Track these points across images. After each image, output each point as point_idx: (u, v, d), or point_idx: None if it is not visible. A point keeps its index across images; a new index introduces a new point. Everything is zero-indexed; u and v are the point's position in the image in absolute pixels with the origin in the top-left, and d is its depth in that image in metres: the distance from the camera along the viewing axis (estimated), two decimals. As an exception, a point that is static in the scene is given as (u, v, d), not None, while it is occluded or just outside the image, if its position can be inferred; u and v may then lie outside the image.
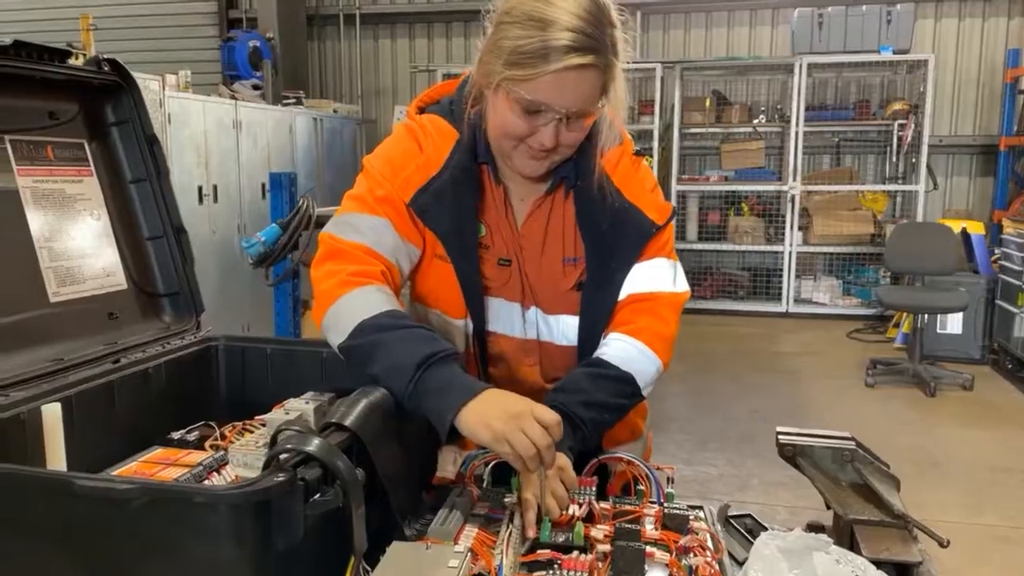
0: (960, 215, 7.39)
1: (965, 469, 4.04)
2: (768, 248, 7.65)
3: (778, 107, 7.78)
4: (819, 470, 1.30)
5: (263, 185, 6.07)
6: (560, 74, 1.14)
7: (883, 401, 5.13)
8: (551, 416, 1.11)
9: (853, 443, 1.31)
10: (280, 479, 0.86)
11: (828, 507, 1.30)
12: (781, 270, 7.55)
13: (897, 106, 7.31)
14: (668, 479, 1.31)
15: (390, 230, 1.30)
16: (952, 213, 7.56)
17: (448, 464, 1.35)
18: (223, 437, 1.37)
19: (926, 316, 5.53)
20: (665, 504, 1.24)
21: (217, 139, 5.75)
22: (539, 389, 1.43)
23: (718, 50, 8.07)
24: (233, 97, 6.43)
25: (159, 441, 1.36)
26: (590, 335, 1.38)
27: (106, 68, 1.49)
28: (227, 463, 1.15)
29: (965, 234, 6.26)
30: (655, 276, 1.37)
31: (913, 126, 7.13)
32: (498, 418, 1.09)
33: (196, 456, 1.16)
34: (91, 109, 1.50)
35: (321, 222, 3.77)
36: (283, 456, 0.89)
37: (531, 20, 1.16)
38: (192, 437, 1.36)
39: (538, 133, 1.21)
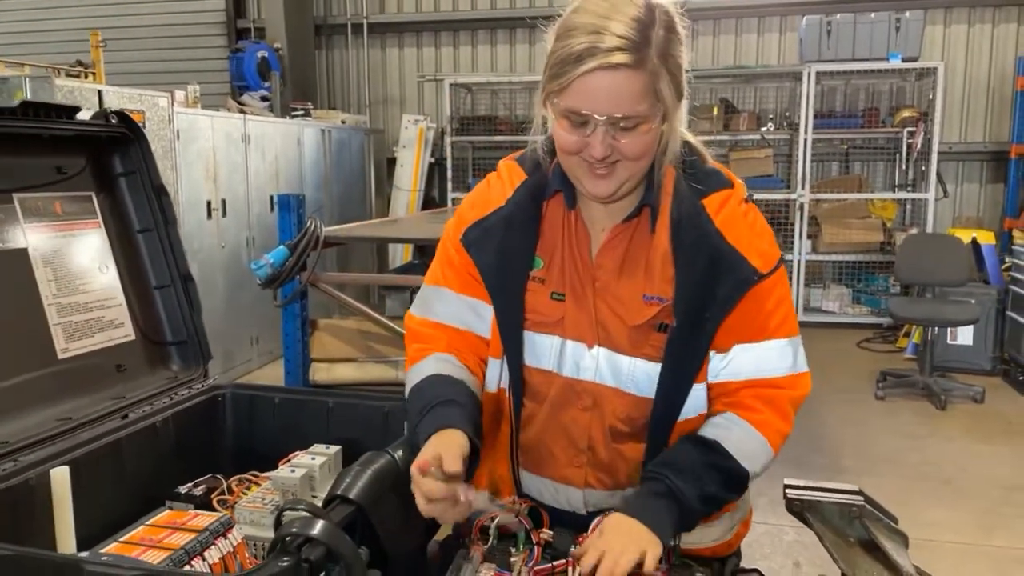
0: (970, 223, 7.33)
1: (978, 487, 4.01)
2: (777, 256, 7.59)
3: (786, 115, 7.74)
4: (827, 526, 1.30)
5: (271, 198, 6.10)
6: (589, 76, 1.12)
7: (893, 415, 5.10)
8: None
9: (861, 498, 1.30)
10: (285, 564, 0.86)
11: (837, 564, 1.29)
12: (790, 278, 7.51)
13: (906, 113, 7.27)
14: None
15: (450, 295, 1.36)
16: (962, 221, 7.51)
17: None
18: (230, 491, 1.38)
19: (936, 328, 5.49)
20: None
21: (226, 153, 5.78)
22: (585, 436, 1.31)
23: (726, 58, 8.04)
24: (242, 111, 6.46)
25: (166, 495, 1.37)
26: (672, 386, 1.26)
27: (114, 120, 1.49)
28: (232, 527, 1.15)
29: (975, 243, 6.21)
30: (777, 358, 1.32)
31: (923, 133, 7.09)
32: None
33: (203, 519, 1.16)
34: (99, 161, 1.52)
35: (328, 242, 3.78)
36: (288, 538, 0.89)
37: (569, 30, 1.14)
38: (199, 492, 1.37)
39: (589, 145, 1.18)
